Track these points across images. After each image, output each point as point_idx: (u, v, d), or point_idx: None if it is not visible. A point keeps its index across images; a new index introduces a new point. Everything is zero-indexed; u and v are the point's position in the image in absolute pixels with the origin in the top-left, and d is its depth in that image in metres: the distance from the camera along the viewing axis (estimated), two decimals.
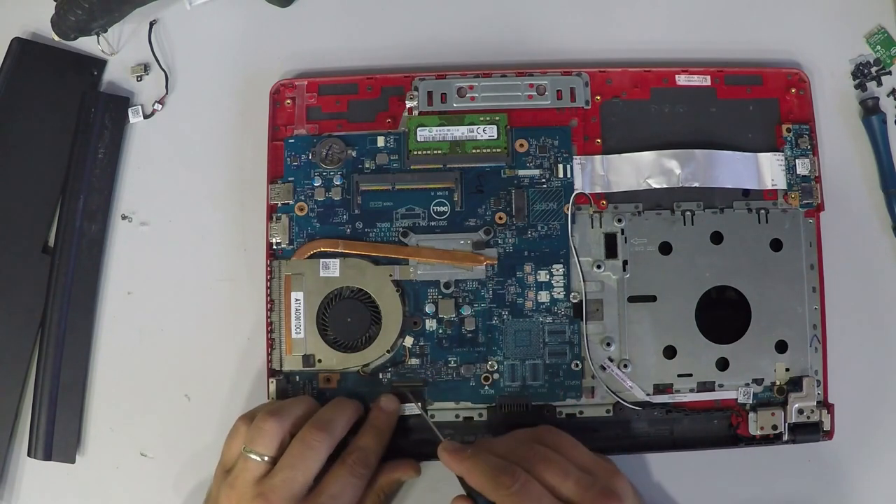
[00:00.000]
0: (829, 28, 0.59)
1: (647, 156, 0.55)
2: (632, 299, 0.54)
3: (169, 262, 0.56)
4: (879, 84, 0.58)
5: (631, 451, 0.53)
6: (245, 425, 0.49)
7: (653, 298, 0.54)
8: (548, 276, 0.54)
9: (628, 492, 0.47)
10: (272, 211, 0.54)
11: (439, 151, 0.54)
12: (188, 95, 0.58)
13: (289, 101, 0.56)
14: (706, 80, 0.56)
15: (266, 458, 0.47)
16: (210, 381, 0.55)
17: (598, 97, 0.56)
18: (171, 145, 0.57)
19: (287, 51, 0.58)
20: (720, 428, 0.54)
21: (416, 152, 0.54)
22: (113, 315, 0.56)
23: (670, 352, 0.54)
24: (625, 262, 0.54)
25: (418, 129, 0.55)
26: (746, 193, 0.55)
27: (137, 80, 0.58)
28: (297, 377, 0.53)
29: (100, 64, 0.57)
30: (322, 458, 0.47)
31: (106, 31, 0.56)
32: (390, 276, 0.53)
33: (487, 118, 0.55)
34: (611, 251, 0.54)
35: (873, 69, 0.58)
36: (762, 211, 0.55)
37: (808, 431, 0.53)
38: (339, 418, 0.49)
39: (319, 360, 0.53)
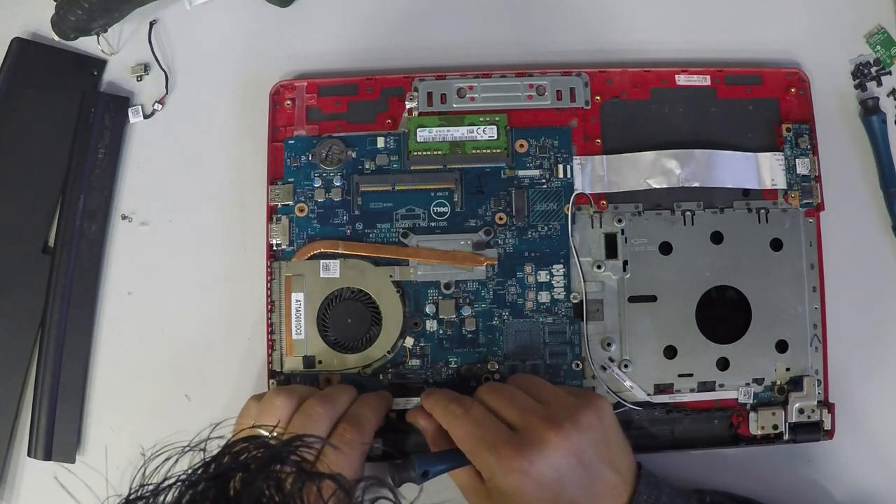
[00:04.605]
0: (829, 28, 0.58)
1: (647, 156, 0.55)
2: (632, 299, 0.54)
3: (169, 262, 0.56)
4: (879, 84, 0.58)
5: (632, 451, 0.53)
6: (256, 402, 0.49)
7: (653, 298, 0.54)
8: (548, 277, 0.54)
9: (587, 425, 0.46)
10: (272, 212, 0.54)
11: (439, 152, 0.54)
12: (188, 95, 0.58)
13: (288, 101, 0.56)
14: (706, 80, 0.56)
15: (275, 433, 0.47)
16: (210, 381, 0.55)
17: (598, 97, 0.56)
18: (171, 145, 0.57)
19: (287, 51, 0.58)
20: (720, 428, 0.54)
21: (416, 153, 0.54)
22: (113, 315, 0.56)
23: (671, 352, 0.54)
24: (625, 263, 0.54)
25: (418, 129, 0.54)
26: (746, 193, 0.55)
27: (137, 80, 0.58)
28: (298, 378, 0.53)
29: (100, 64, 0.57)
30: (323, 430, 0.47)
31: (106, 31, 0.56)
32: (390, 276, 0.53)
33: (487, 118, 0.55)
34: (611, 251, 0.54)
35: (873, 69, 0.58)
36: (762, 211, 0.55)
37: (808, 431, 0.53)
38: (340, 394, 0.50)
39: (320, 362, 0.53)
